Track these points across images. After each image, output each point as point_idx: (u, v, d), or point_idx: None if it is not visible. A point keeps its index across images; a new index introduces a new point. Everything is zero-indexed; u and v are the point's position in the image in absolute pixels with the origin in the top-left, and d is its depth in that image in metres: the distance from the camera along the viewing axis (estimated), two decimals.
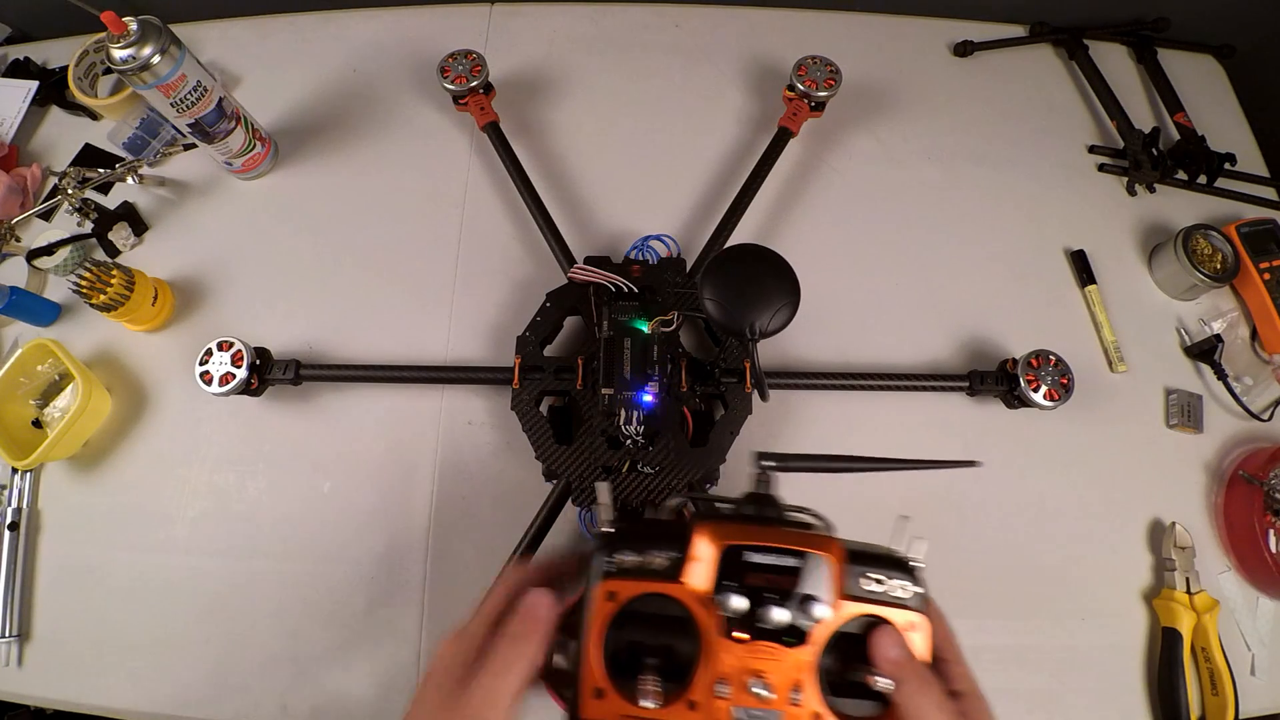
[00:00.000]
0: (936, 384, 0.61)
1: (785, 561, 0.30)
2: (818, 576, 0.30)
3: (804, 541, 0.30)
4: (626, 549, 0.31)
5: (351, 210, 0.72)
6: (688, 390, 0.57)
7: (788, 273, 0.47)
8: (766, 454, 0.34)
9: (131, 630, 0.58)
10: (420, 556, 0.59)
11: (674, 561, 0.30)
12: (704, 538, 0.30)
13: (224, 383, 0.58)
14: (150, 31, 0.57)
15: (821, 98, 0.70)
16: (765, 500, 0.34)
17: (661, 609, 0.30)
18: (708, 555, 0.30)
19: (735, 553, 0.30)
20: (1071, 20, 0.81)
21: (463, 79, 0.70)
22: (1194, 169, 0.73)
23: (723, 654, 0.29)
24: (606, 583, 0.30)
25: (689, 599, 0.30)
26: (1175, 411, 0.64)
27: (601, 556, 0.31)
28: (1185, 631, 0.55)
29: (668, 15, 0.82)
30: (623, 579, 0.30)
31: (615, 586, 0.30)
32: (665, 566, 0.30)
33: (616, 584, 0.30)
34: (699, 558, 0.30)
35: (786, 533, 0.31)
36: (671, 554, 0.30)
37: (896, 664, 0.29)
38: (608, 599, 0.30)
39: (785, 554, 0.30)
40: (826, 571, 0.30)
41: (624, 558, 0.31)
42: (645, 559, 0.31)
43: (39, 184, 0.74)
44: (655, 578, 0.30)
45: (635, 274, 0.60)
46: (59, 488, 0.63)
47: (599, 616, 0.30)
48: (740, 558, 0.30)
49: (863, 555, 0.31)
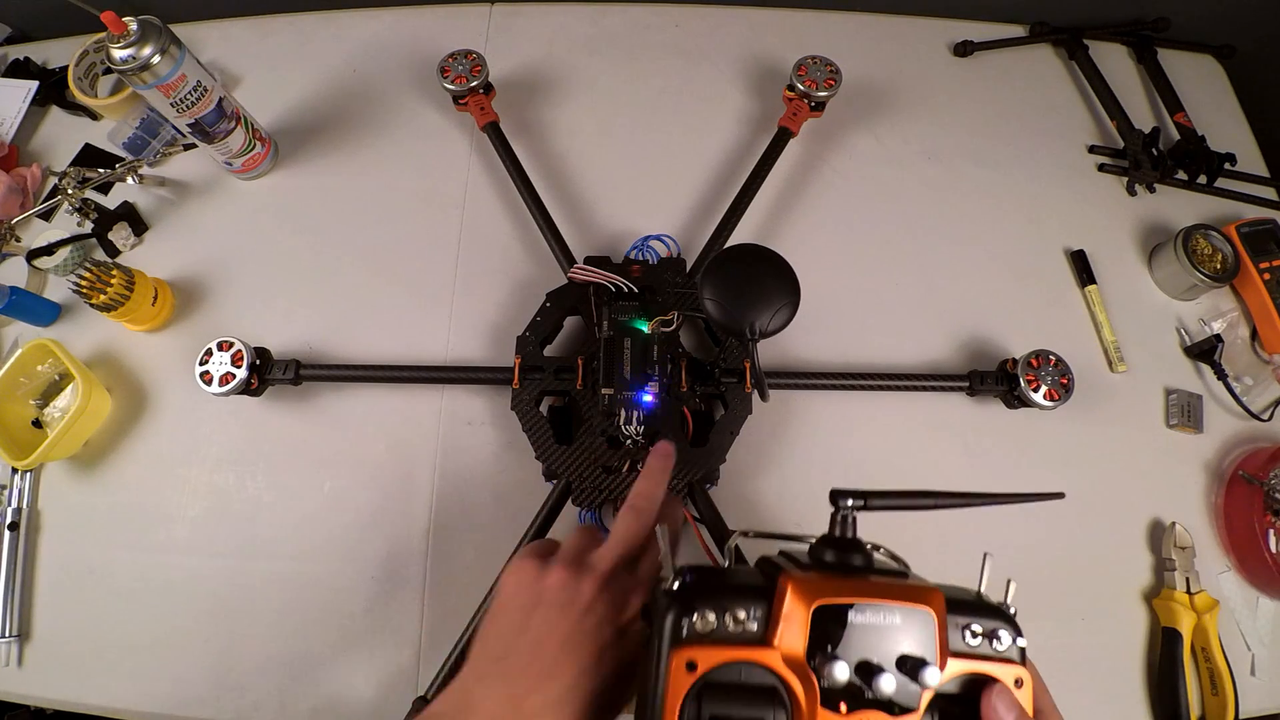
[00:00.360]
0: (936, 384, 0.61)
1: (887, 619, 0.26)
2: (921, 634, 0.26)
3: (905, 594, 0.27)
4: (703, 606, 0.26)
5: (352, 210, 0.72)
6: (688, 390, 0.57)
7: (788, 273, 0.47)
8: (847, 491, 0.29)
9: (131, 630, 0.58)
10: (420, 556, 0.59)
11: (760, 622, 0.26)
12: (794, 594, 0.26)
13: (224, 383, 0.59)
14: (150, 31, 0.57)
15: (821, 98, 0.70)
16: (851, 545, 0.29)
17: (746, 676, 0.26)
18: (799, 615, 0.26)
19: (829, 611, 0.26)
20: (1071, 20, 0.81)
21: (463, 79, 0.70)
22: (1194, 169, 0.73)
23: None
24: (684, 650, 0.26)
25: (780, 666, 0.26)
26: (1175, 411, 0.64)
27: (675, 617, 0.26)
28: (1185, 631, 0.55)
29: (668, 15, 0.82)
30: (702, 645, 0.26)
31: (694, 655, 0.26)
32: (750, 628, 0.26)
33: (695, 651, 0.26)
34: (791, 618, 0.26)
35: (884, 585, 0.27)
36: (757, 612, 0.26)
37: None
38: (687, 670, 0.26)
39: (886, 610, 0.26)
40: (931, 627, 0.26)
41: (702, 619, 0.26)
42: (726, 619, 0.26)
43: (39, 184, 0.74)
44: (741, 643, 0.26)
45: (635, 274, 0.60)
46: (59, 488, 0.63)
47: (676, 690, 0.26)
48: (835, 616, 0.26)
49: (961, 604, 0.28)
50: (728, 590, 0.27)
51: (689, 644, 0.26)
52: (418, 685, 0.56)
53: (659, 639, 0.27)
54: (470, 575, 0.59)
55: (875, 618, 0.26)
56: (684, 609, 0.26)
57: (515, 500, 0.60)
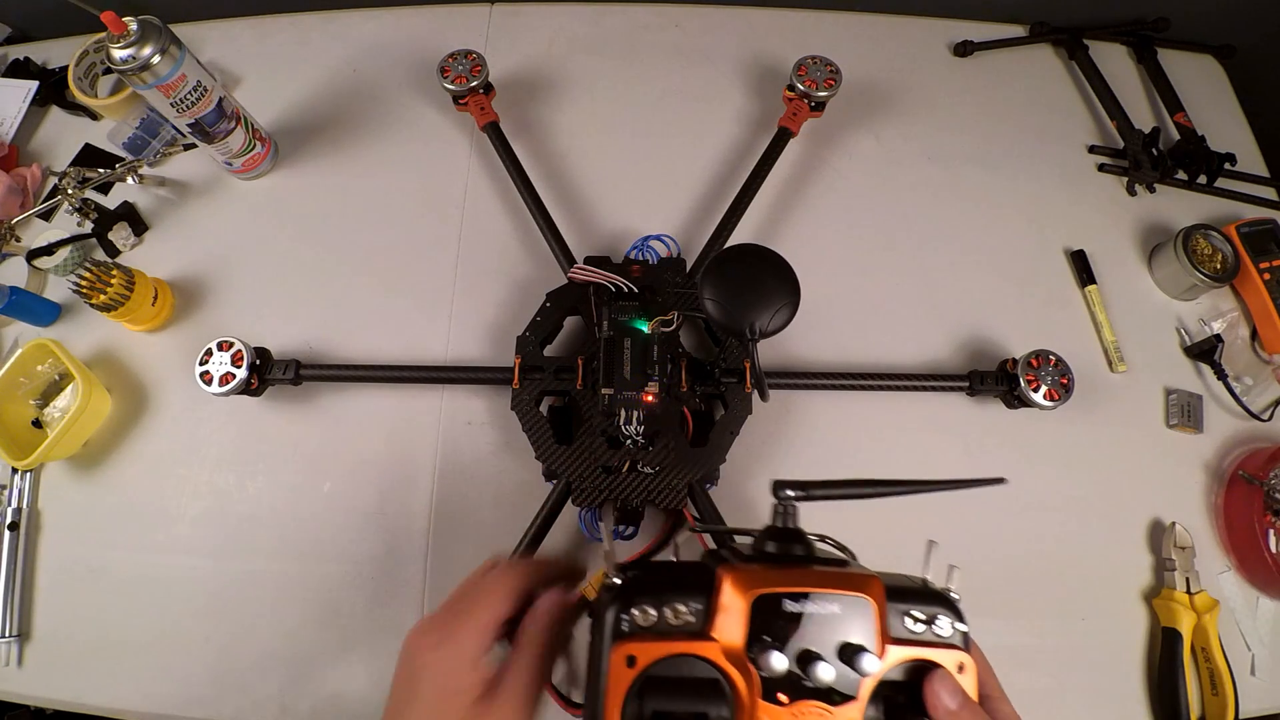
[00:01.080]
0: (936, 384, 0.61)
1: (825, 608, 0.26)
2: (860, 621, 0.27)
3: (843, 583, 0.27)
4: (643, 602, 0.27)
5: (351, 210, 0.72)
6: (688, 390, 0.57)
7: (788, 273, 0.47)
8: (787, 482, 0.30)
9: (131, 630, 0.58)
10: (420, 556, 0.59)
11: (699, 615, 0.27)
12: (731, 585, 0.26)
13: (224, 383, 0.58)
14: (150, 31, 0.57)
15: (821, 98, 0.70)
16: (792, 535, 0.30)
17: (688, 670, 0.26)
18: (737, 606, 0.26)
19: (768, 601, 0.26)
20: (1071, 20, 0.81)
21: (463, 79, 0.70)
22: (1194, 169, 0.73)
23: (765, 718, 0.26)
24: (624, 645, 0.26)
25: (721, 658, 0.26)
26: (1175, 411, 0.64)
27: (615, 613, 0.26)
28: (1185, 631, 0.55)
29: (668, 15, 0.82)
30: (642, 639, 0.26)
31: (634, 649, 0.26)
32: (690, 621, 0.26)
33: (635, 646, 0.26)
34: (728, 610, 0.26)
35: (822, 574, 0.28)
36: (696, 605, 0.27)
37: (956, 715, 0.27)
38: (626, 665, 0.26)
39: (824, 599, 0.26)
40: (870, 615, 0.27)
41: (642, 613, 0.26)
42: (666, 613, 0.27)
43: (39, 184, 0.74)
44: (681, 636, 0.26)
45: (635, 274, 0.60)
46: (59, 488, 0.63)
47: (617, 687, 0.26)
48: (773, 607, 0.26)
49: (902, 591, 0.28)
50: (668, 584, 0.27)
51: (629, 639, 0.26)
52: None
53: (600, 635, 0.27)
54: None
55: (813, 607, 0.26)
56: (624, 604, 0.27)
57: (515, 500, 0.60)
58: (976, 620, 0.60)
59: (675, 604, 0.27)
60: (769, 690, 0.26)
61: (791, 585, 0.26)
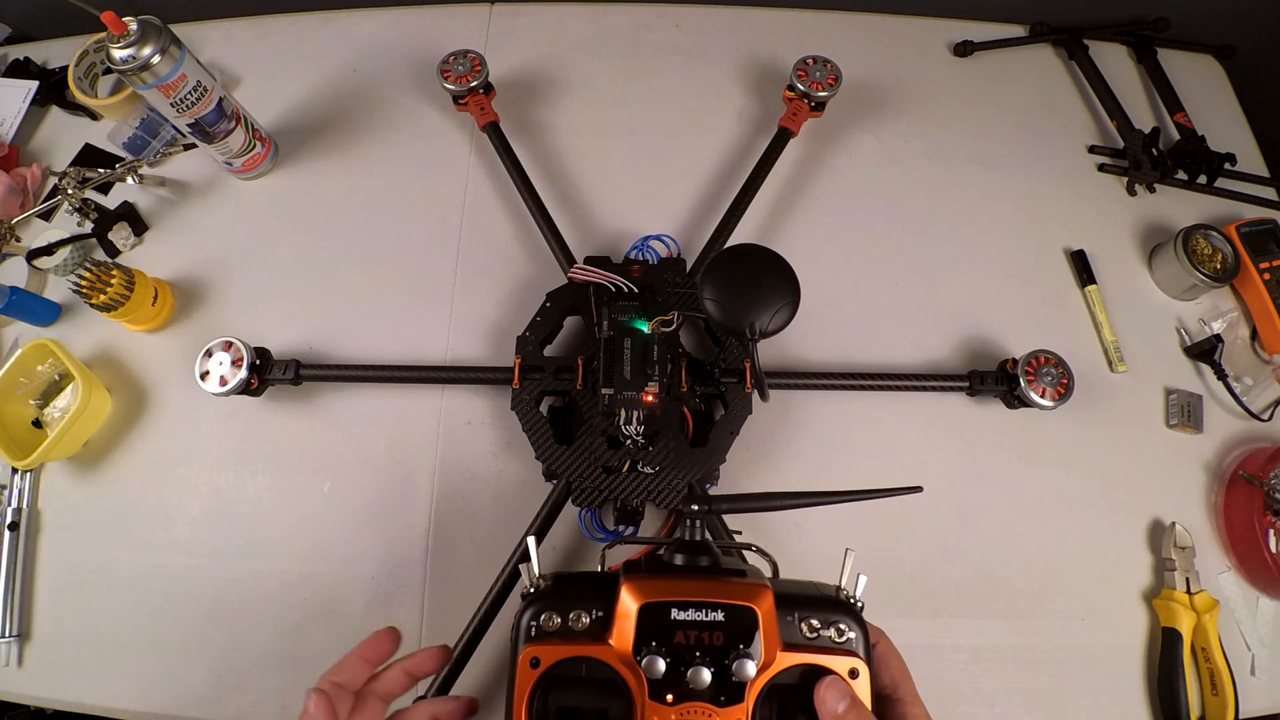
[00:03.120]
0: (936, 384, 0.61)
1: (710, 616, 0.28)
2: (747, 629, 0.28)
3: (730, 593, 0.28)
4: (550, 609, 0.29)
5: (352, 210, 0.72)
6: (688, 390, 0.57)
7: (788, 273, 0.47)
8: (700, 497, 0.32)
9: (131, 630, 0.58)
10: (420, 556, 0.59)
11: (598, 621, 0.29)
12: (627, 593, 0.28)
13: (223, 383, 0.58)
14: (150, 31, 0.57)
15: (821, 98, 0.70)
16: (696, 547, 0.31)
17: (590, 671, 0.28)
18: (629, 613, 0.28)
19: (655, 609, 0.28)
20: (1071, 20, 0.81)
21: (463, 79, 0.70)
22: (1194, 169, 0.73)
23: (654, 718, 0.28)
24: (529, 648, 0.28)
25: (615, 661, 0.28)
26: (1175, 411, 0.64)
27: (527, 619, 0.29)
28: (1185, 631, 0.55)
29: (668, 15, 0.82)
30: (545, 643, 0.29)
31: (538, 651, 0.28)
32: (589, 627, 0.29)
33: (539, 649, 0.28)
34: (623, 616, 0.28)
35: (713, 584, 0.29)
36: (596, 612, 0.29)
37: (842, 718, 0.28)
38: (530, 666, 0.28)
39: (709, 608, 0.28)
40: (756, 623, 0.28)
41: (547, 619, 0.29)
42: (569, 619, 0.29)
43: (39, 184, 0.74)
44: (579, 640, 0.29)
45: (635, 274, 0.60)
46: (59, 488, 0.63)
47: (523, 685, 0.28)
48: (660, 614, 0.28)
49: (798, 599, 0.30)
50: (575, 593, 0.30)
51: (534, 642, 0.29)
52: (417, 685, 0.56)
53: (514, 639, 0.29)
54: (470, 575, 0.59)
55: (698, 614, 0.28)
56: (535, 611, 0.29)
57: (515, 500, 0.60)
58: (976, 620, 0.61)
59: (579, 610, 0.29)
60: (657, 691, 0.28)
61: (679, 595, 0.28)
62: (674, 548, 0.32)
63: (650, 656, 0.27)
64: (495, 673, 0.56)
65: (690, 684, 0.27)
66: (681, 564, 0.31)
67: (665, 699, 0.28)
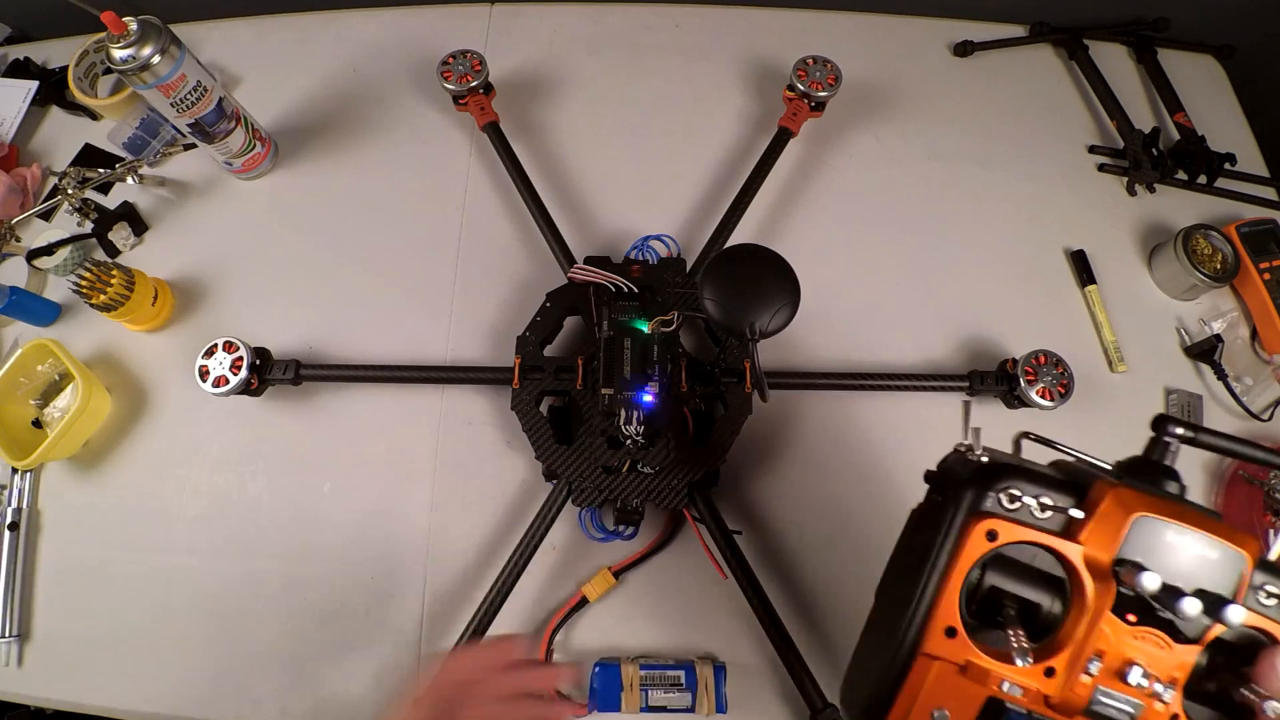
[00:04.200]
0: (936, 384, 0.61)
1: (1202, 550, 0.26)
2: (1228, 575, 0.26)
3: (1224, 533, 0.26)
4: (1010, 486, 0.27)
5: (352, 210, 0.72)
6: (688, 390, 0.57)
7: (788, 273, 0.47)
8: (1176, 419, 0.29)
9: (132, 630, 0.58)
10: (420, 557, 0.59)
11: (1070, 517, 0.27)
12: (1114, 500, 0.26)
13: (219, 384, 0.58)
14: (150, 31, 0.57)
15: (821, 98, 0.70)
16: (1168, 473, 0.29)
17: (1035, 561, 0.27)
18: (1115, 521, 0.26)
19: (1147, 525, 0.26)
20: (1071, 20, 0.81)
21: (463, 79, 0.70)
22: (1194, 169, 0.73)
23: (1105, 629, 0.26)
24: (988, 520, 0.27)
25: (1079, 562, 0.26)
26: (1175, 411, 0.64)
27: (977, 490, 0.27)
28: None
29: (668, 15, 0.82)
30: (1008, 520, 0.27)
31: (998, 526, 0.27)
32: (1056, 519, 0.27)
33: (1000, 524, 0.27)
34: (1104, 522, 0.26)
35: (1205, 518, 0.27)
36: (1063, 505, 0.27)
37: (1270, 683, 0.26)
38: (988, 538, 0.27)
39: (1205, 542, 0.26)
40: (1240, 572, 0.26)
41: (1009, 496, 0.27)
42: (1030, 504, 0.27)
43: (39, 184, 0.74)
44: (1045, 529, 0.27)
45: (635, 274, 0.60)
46: (59, 488, 0.63)
47: (970, 553, 0.27)
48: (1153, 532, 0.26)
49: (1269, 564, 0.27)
50: (1038, 478, 0.28)
51: (992, 516, 0.27)
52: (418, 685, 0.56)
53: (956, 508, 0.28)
54: (470, 575, 0.59)
55: (1192, 545, 0.26)
56: (987, 483, 0.27)
57: (515, 500, 0.60)
58: None
59: (1044, 498, 0.27)
60: (1120, 607, 0.26)
61: (1177, 518, 0.26)
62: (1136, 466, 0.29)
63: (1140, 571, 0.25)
64: None
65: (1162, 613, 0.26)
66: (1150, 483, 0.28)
67: (1127, 617, 0.26)
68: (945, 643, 0.27)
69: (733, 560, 0.54)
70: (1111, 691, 0.26)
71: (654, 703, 0.53)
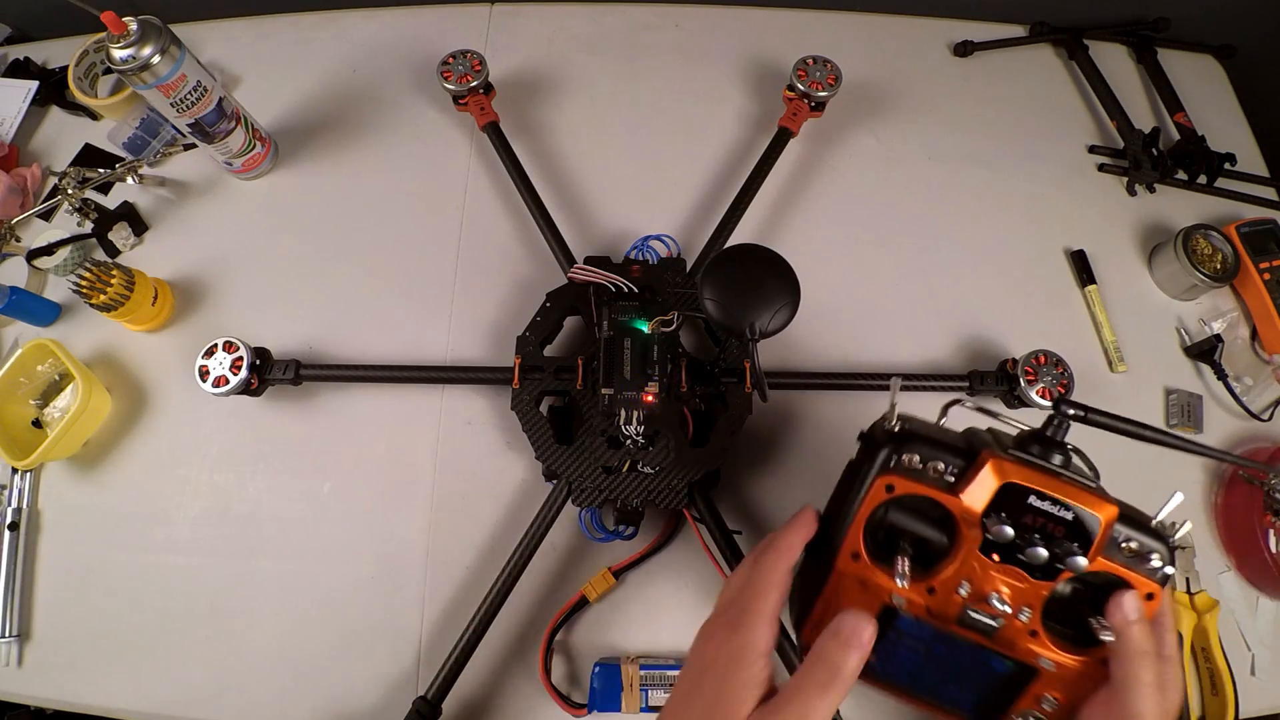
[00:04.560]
0: (936, 384, 0.61)
1: (1059, 512, 0.32)
2: (1087, 534, 0.32)
3: (1083, 499, 0.32)
4: (914, 450, 0.34)
5: (352, 210, 0.72)
6: (688, 390, 0.57)
7: (787, 273, 0.47)
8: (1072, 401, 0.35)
9: (131, 630, 0.58)
10: (420, 557, 0.59)
11: (955, 477, 0.34)
12: (992, 468, 0.33)
13: (219, 384, 0.58)
14: (150, 31, 0.57)
15: (821, 98, 0.70)
16: (1054, 445, 0.35)
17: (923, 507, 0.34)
18: (989, 485, 0.33)
19: (1015, 489, 0.32)
20: (1071, 20, 0.81)
21: (463, 79, 0.70)
22: (1194, 169, 0.73)
23: (974, 564, 0.33)
24: (888, 476, 0.34)
25: (959, 512, 0.33)
26: (1175, 411, 0.64)
27: (889, 452, 0.34)
28: (1185, 631, 0.55)
29: (668, 15, 0.82)
30: (903, 477, 0.34)
31: (895, 481, 0.34)
32: (945, 479, 0.34)
33: (897, 479, 0.34)
34: (980, 483, 0.33)
35: (1068, 486, 0.33)
36: (955, 468, 0.34)
37: (1129, 625, 0.31)
38: (885, 490, 0.34)
39: (1062, 505, 0.32)
40: (1095, 530, 0.32)
41: (909, 459, 0.34)
42: (927, 466, 0.34)
43: (39, 184, 0.74)
44: (934, 485, 0.34)
45: (635, 274, 0.60)
46: (59, 488, 0.63)
47: (871, 500, 0.34)
48: (1018, 495, 0.32)
49: (1132, 520, 0.33)
50: (936, 444, 0.34)
51: (892, 473, 0.34)
52: (418, 685, 0.56)
53: (869, 462, 0.34)
54: (470, 575, 0.59)
55: (1050, 508, 0.32)
56: (897, 448, 0.34)
57: (515, 500, 0.60)
58: None
59: (938, 462, 0.34)
60: (985, 548, 0.33)
61: (1040, 486, 0.32)
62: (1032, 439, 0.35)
63: (1000, 524, 0.32)
64: (497, 673, 0.56)
65: (1024, 556, 0.32)
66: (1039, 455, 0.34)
67: (991, 556, 0.33)
68: (851, 564, 0.35)
69: (733, 560, 0.54)
70: (978, 611, 0.33)
71: (654, 703, 0.53)
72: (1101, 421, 0.36)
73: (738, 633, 0.34)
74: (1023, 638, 0.34)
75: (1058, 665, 0.34)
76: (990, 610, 0.33)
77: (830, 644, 0.33)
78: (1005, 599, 0.33)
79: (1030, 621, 0.33)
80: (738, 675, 0.33)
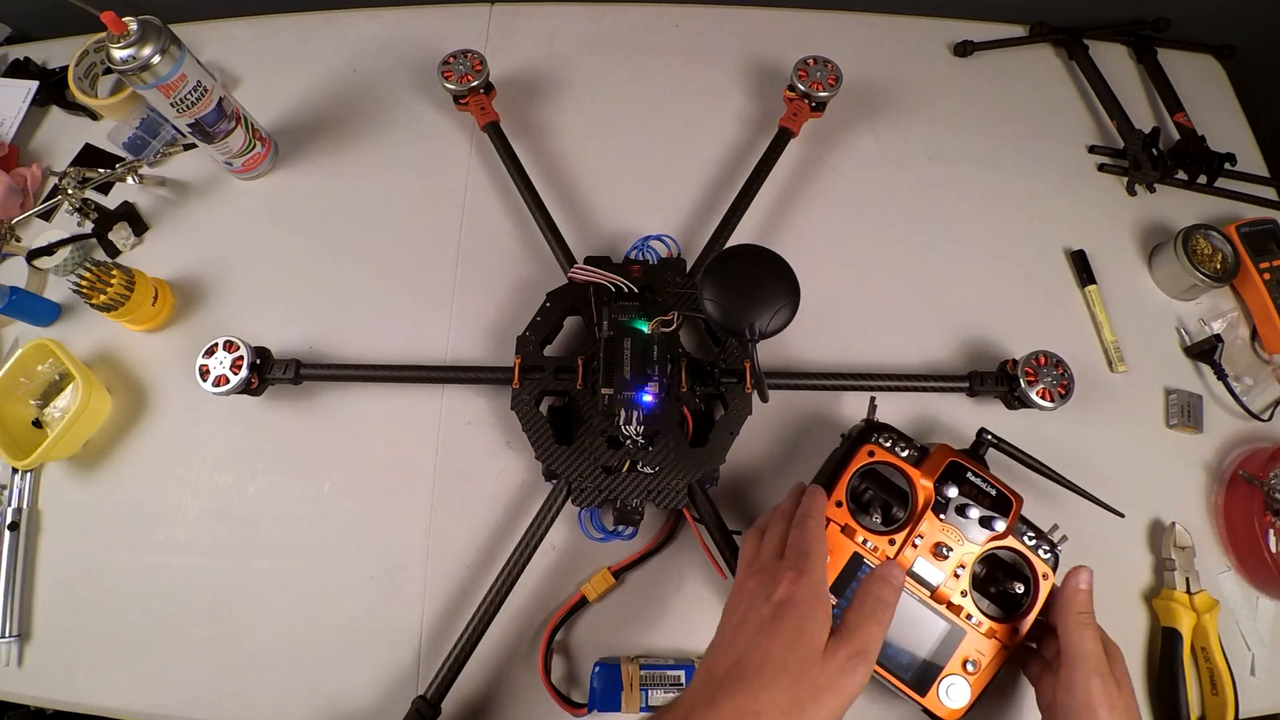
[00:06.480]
0: (936, 384, 0.61)
1: (987, 487, 0.50)
2: (1005, 508, 0.49)
3: (1003, 486, 0.50)
4: (887, 436, 0.52)
5: (352, 210, 0.72)
6: (688, 390, 0.57)
7: (787, 273, 0.47)
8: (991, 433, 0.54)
9: (131, 630, 0.58)
10: (420, 557, 0.59)
11: (918, 456, 0.51)
12: (943, 451, 0.51)
13: (219, 384, 0.58)
14: (150, 31, 0.57)
15: (822, 98, 0.70)
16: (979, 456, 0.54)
17: (892, 477, 0.51)
18: (942, 460, 0.50)
19: (958, 467, 0.50)
20: (1071, 20, 0.81)
21: (464, 79, 0.70)
22: (1194, 169, 0.73)
23: (926, 521, 0.49)
24: (871, 445, 0.51)
25: (916, 480, 0.50)
26: (1175, 411, 0.64)
27: (873, 431, 0.52)
28: (1185, 631, 0.55)
29: (668, 15, 0.82)
30: (882, 449, 0.51)
31: (875, 450, 0.51)
32: (911, 456, 0.51)
33: (877, 449, 0.51)
34: (935, 459, 0.50)
35: (991, 476, 0.51)
36: (915, 452, 0.51)
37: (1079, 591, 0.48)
38: (868, 455, 0.51)
39: (988, 483, 0.50)
40: (1010, 508, 0.49)
41: (885, 438, 0.51)
42: (897, 446, 0.51)
43: (39, 184, 0.74)
44: (903, 459, 0.51)
45: (635, 274, 0.60)
46: (59, 488, 0.63)
47: (857, 460, 0.51)
48: (960, 472, 0.50)
49: (1029, 522, 0.51)
50: (902, 435, 0.52)
51: (875, 444, 0.51)
52: (418, 685, 0.56)
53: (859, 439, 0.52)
54: (470, 575, 0.59)
55: (982, 484, 0.50)
56: (877, 431, 0.52)
57: (515, 500, 0.60)
58: None
59: (904, 445, 0.51)
60: (936, 508, 0.49)
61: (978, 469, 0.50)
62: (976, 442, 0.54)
63: (948, 485, 0.50)
64: (497, 673, 0.56)
65: (959, 513, 0.49)
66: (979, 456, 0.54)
67: (939, 513, 0.49)
68: (835, 510, 0.50)
69: (733, 560, 0.54)
70: (927, 562, 0.49)
71: (654, 703, 0.53)
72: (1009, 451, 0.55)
73: (806, 574, 0.40)
74: (955, 595, 0.48)
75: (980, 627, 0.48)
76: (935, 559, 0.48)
77: (878, 585, 0.42)
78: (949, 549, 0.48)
79: (962, 581, 0.48)
80: (815, 610, 0.39)
